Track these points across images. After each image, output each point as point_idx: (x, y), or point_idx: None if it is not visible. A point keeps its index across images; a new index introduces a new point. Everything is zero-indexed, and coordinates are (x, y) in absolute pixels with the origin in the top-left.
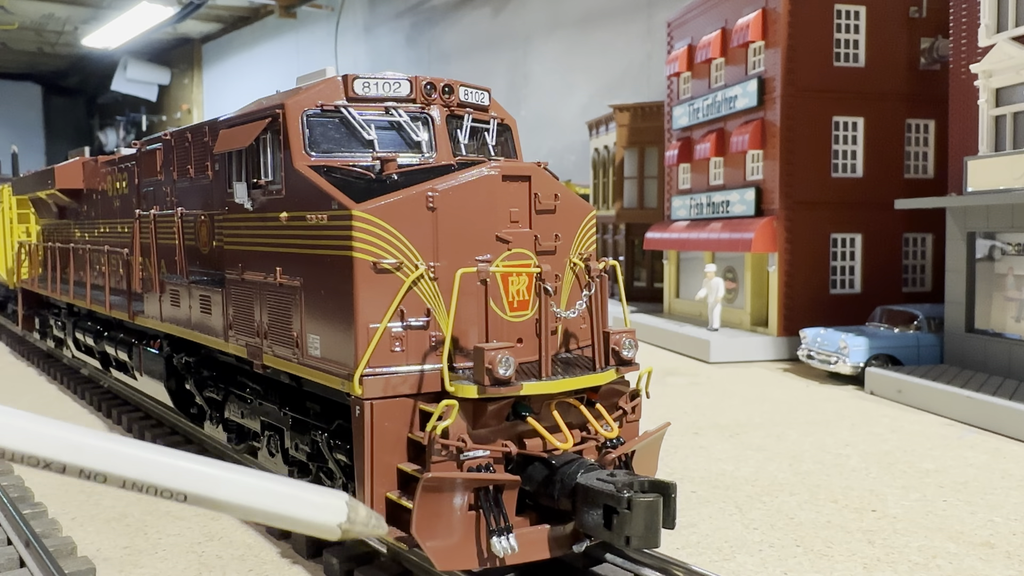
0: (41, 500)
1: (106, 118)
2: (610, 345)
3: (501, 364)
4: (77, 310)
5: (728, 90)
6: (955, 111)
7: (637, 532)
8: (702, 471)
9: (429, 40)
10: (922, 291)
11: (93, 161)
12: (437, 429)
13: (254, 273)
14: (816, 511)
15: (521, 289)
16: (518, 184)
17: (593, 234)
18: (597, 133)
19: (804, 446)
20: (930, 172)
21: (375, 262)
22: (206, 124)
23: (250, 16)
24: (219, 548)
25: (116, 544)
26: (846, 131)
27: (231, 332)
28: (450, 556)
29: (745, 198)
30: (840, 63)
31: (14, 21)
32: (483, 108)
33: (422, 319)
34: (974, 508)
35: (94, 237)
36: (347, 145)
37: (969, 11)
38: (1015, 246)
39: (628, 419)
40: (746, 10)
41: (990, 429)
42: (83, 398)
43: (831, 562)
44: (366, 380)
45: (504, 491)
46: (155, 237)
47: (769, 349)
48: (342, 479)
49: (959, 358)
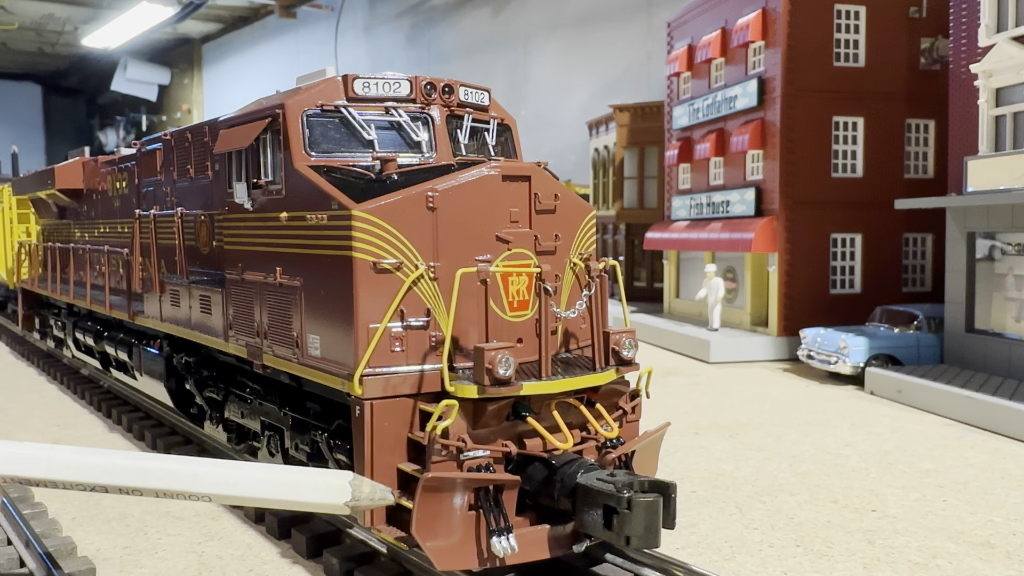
0: (41, 500)
1: (106, 118)
2: (610, 345)
3: (501, 364)
4: (77, 310)
5: (728, 90)
6: (955, 111)
7: (637, 532)
8: (702, 471)
9: (429, 40)
10: (922, 291)
11: (93, 161)
12: (437, 429)
13: (254, 273)
14: (816, 511)
15: (521, 289)
16: (518, 184)
17: (593, 234)
18: (597, 133)
19: (804, 446)
20: (930, 172)
21: (375, 262)
22: (206, 124)
23: (250, 16)
24: (219, 548)
25: (116, 544)
26: (846, 131)
27: (231, 332)
28: (450, 556)
29: (745, 198)
30: (840, 63)
31: (14, 21)
32: (483, 108)
33: (422, 319)
34: (974, 508)
35: (94, 237)
36: (347, 145)
37: (969, 11)
38: (1015, 246)
39: (628, 419)
40: (746, 10)
41: (990, 429)
42: (83, 398)
43: (831, 562)
44: (366, 380)
45: (504, 491)
46: (155, 237)
47: (769, 349)
48: None
49: (959, 358)
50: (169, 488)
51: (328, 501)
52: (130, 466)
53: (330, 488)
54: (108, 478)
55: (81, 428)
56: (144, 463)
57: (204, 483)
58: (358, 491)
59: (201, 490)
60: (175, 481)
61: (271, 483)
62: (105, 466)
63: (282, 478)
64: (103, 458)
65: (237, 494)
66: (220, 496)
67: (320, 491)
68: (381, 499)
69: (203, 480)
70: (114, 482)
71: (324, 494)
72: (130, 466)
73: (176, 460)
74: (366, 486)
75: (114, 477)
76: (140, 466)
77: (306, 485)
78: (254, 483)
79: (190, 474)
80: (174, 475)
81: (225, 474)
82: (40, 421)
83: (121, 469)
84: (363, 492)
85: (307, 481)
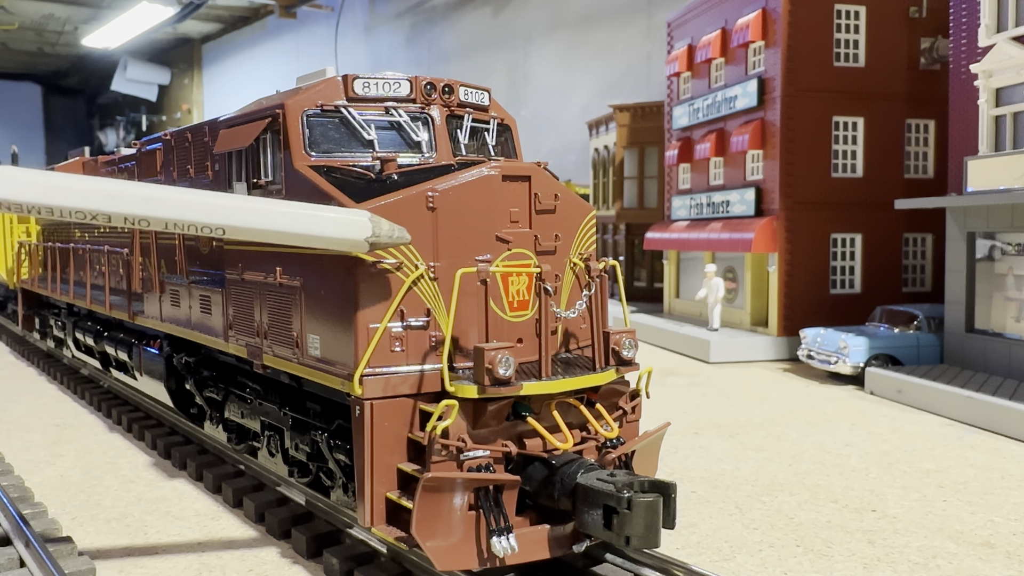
0: (41, 500)
1: (106, 118)
2: (610, 345)
3: (501, 364)
4: (77, 310)
5: (728, 90)
6: (955, 111)
7: (637, 532)
8: (702, 471)
9: (429, 40)
10: (922, 291)
11: (93, 161)
12: (437, 429)
13: (254, 273)
14: (816, 511)
15: (521, 289)
16: (518, 184)
17: (593, 234)
18: (597, 133)
19: (804, 446)
20: (930, 172)
21: (375, 262)
22: (206, 124)
23: (250, 16)
24: (219, 548)
25: (116, 544)
26: (846, 131)
27: (231, 332)
28: (450, 556)
29: (745, 198)
30: (840, 63)
31: (14, 21)
32: (483, 108)
33: (422, 319)
34: (974, 508)
35: (94, 237)
36: (347, 145)
37: (969, 11)
38: (1015, 246)
39: (628, 419)
40: (746, 10)
41: (990, 429)
42: (83, 398)
43: (831, 562)
44: (366, 380)
45: (504, 491)
46: (155, 237)
47: (769, 349)
48: (342, 479)
49: (959, 358)
50: (181, 218)
51: (349, 236)
52: (137, 193)
53: (351, 223)
54: (112, 205)
55: (81, 428)
56: (152, 192)
57: (220, 214)
58: (378, 227)
59: (217, 221)
60: (188, 211)
61: (291, 216)
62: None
63: (303, 212)
64: (108, 184)
65: (255, 226)
66: (236, 228)
67: (341, 225)
68: (400, 238)
69: (220, 211)
70: (119, 209)
71: (345, 228)
72: (137, 193)
73: (189, 192)
74: (384, 224)
75: (119, 204)
76: (148, 194)
77: (326, 219)
78: (273, 215)
79: (205, 204)
80: (187, 205)
81: (242, 206)
82: (40, 421)
83: (127, 196)
84: (383, 228)
85: (328, 215)
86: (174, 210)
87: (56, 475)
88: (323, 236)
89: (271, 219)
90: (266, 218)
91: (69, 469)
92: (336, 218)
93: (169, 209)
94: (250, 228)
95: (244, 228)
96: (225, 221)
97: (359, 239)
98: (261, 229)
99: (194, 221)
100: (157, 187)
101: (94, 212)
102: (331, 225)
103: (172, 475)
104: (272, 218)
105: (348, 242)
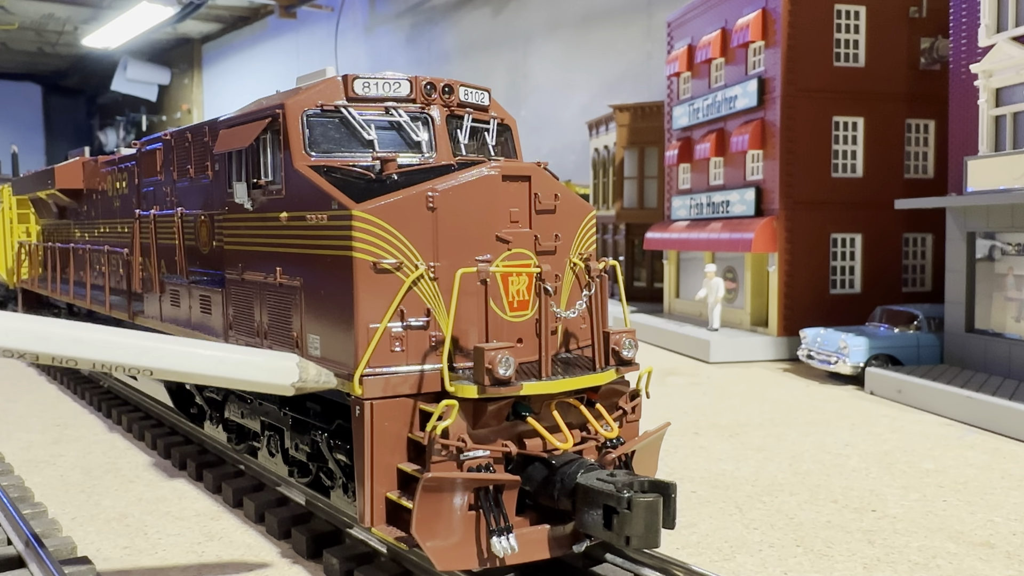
0: (41, 500)
1: (106, 118)
2: (610, 345)
3: (501, 364)
4: (77, 310)
5: (728, 90)
6: (955, 111)
7: (637, 532)
8: (702, 471)
9: (429, 40)
10: (922, 291)
11: (93, 161)
12: (437, 429)
13: (254, 273)
14: (816, 511)
15: (521, 289)
16: (518, 184)
17: (593, 234)
18: (597, 133)
19: (804, 446)
20: (930, 172)
21: (375, 262)
22: (206, 124)
23: (250, 16)
24: (219, 548)
25: (116, 544)
26: (846, 131)
27: (231, 332)
28: (450, 556)
29: (745, 198)
30: (840, 63)
31: (14, 21)
32: (483, 108)
33: (422, 319)
34: (974, 508)
35: (94, 237)
36: (347, 145)
37: (969, 11)
38: (1015, 246)
39: (628, 419)
40: (746, 10)
41: (990, 429)
42: (83, 398)
43: (831, 562)
44: (366, 380)
45: (504, 491)
46: (155, 237)
47: (769, 349)
48: (342, 479)
49: (959, 358)
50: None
51: (276, 382)
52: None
53: (278, 369)
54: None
55: (81, 428)
56: (83, 333)
57: (149, 357)
58: (304, 372)
59: (146, 364)
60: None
61: (220, 361)
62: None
63: (231, 357)
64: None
65: (184, 369)
66: (164, 371)
67: (268, 371)
68: (326, 382)
69: (149, 354)
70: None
71: (272, 374)
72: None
73: (120, 333)
74: (312, 369)
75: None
76: (78, 335)
77: (254, 365)
78: (203, 360)
79: (134, 348)
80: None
81: (173, 349)
82: (40, 421)
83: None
84: (309, 374)
85: (256, 361)
86: (103, 352)
87: (56, 475)
88: (250, 381)
89: (199, 363)
90: (195, 362)
91: (69, 469)
92: (264, 364)
93: (98, 351)
94: (178, 371)
95: (172, 371)
96: (153, 364)
97: (285, 384)
98: (189, 372)
99: (122, 363)
100: (87, 328)
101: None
102: (258, 371)
103: (172, 475)
104: (200, 362)
105: (275, 387)
